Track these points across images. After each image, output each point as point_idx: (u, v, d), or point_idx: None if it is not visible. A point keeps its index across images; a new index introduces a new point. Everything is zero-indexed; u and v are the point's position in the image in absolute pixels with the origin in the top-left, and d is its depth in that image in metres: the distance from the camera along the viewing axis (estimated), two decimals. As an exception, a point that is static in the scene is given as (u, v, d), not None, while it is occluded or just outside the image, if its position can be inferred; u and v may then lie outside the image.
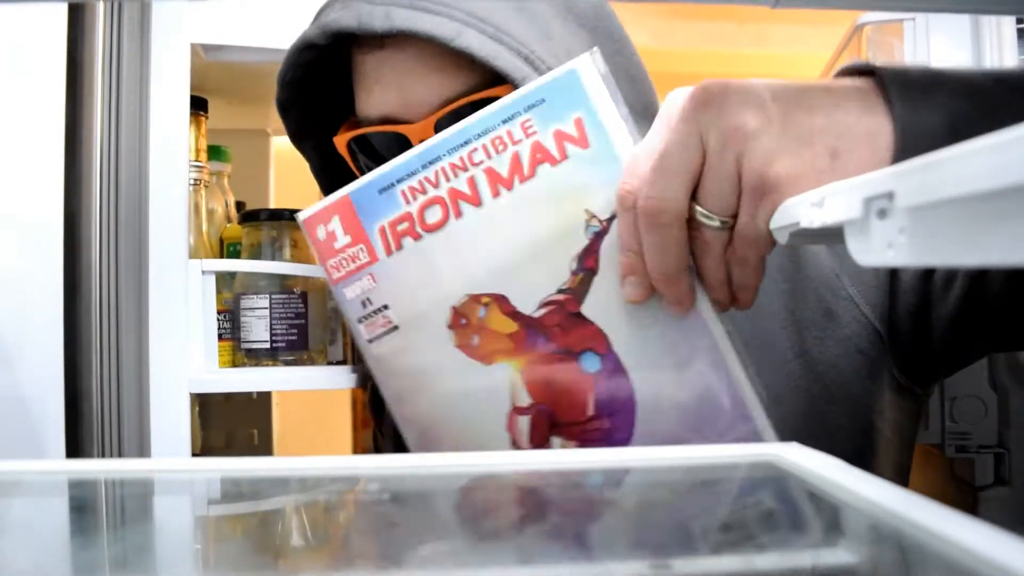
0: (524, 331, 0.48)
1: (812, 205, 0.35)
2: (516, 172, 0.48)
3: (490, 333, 0.48)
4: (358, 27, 0.57)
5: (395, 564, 0.33)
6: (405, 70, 0.60)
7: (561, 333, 0.48)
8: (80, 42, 0.65)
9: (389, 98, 0.61)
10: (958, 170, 0.23)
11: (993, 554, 0.27)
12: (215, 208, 0.81)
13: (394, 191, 0.49)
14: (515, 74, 0.56)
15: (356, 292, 0.50)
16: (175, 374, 0.67)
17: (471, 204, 0.48)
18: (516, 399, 0.49)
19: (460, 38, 0.56)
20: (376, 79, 0.61)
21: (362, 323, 0.50)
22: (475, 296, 0.48)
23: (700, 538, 0.37)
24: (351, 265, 0.50)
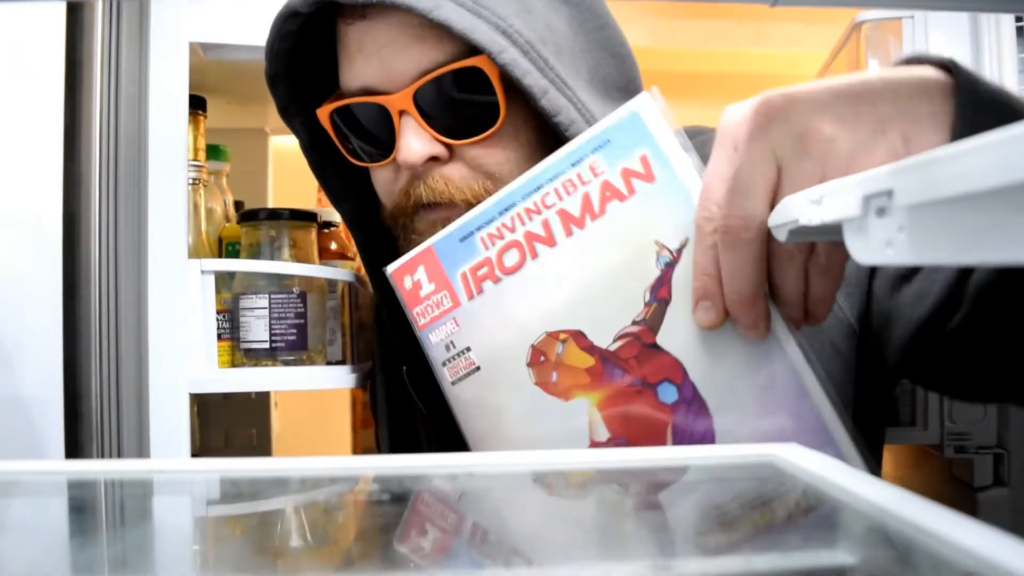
0: (600, 365, 0.49)
1: (811, 203, 0.35)
2: (587, 211, 0.49)
3: (567, 368, 0.50)
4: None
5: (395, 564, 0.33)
6: (385, 41, 0.60)
7: (637, 365, 0.49)
8: (79, 41, 0.65)
9: (369, 69, 0.61)
10: (957, 168, 0.23)
11: (992, 554, 0.27)
12: (214, 207, 0.81)
13: (474, 238, 0.51)
14: (492, 47, 0.57)
15: (440, 336, 0.52)
16: (174, 374, 0.67)
17: (546, 245, 0.50)
18: (594, 433, 0.50)
19: (438, 10, 0.56)
20: (358, 49, 0.61)
21: (446, 366, 0.52)
22: (553, 333, 0.50)
23: (700, 538, 0.37)
24: (435, 311, 0.52)
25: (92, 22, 0.65)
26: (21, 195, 0.63)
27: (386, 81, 0.61)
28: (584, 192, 0.49)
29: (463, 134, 0.61)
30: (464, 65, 0.59)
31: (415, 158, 0.60)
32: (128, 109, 0.66)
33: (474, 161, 0.62)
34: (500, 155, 0.62)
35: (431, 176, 0.61)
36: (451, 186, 0.61)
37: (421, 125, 0.60)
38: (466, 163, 0.62)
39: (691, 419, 0.49)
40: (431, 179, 0.61)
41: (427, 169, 0.61)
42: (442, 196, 0.61)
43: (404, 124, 0.60)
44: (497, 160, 0.62)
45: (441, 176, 0.61)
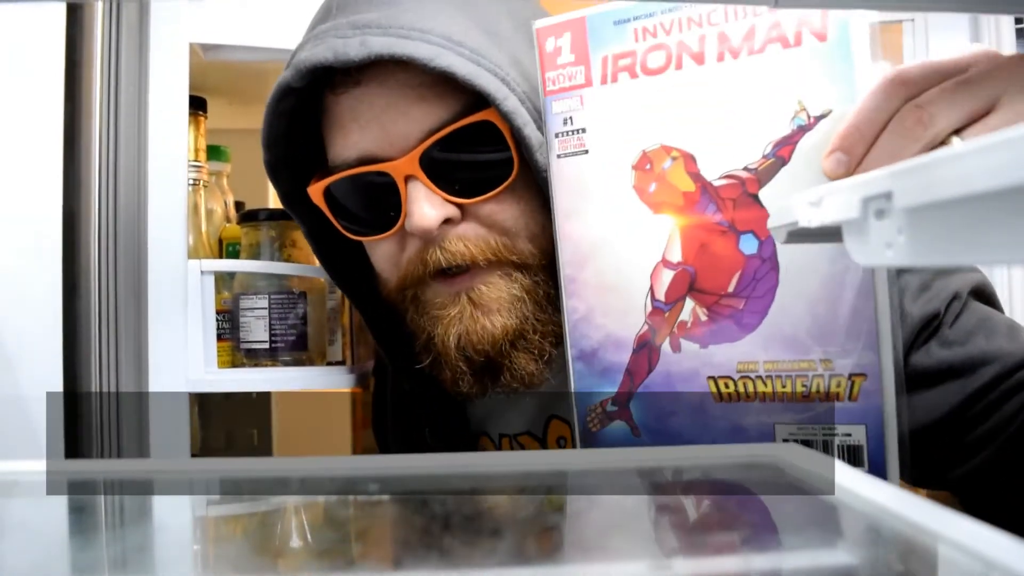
0: (699, 194, 0.50)
1: (810, 205, 0.35)
2: (747, 43, 0.49)
3: (668, 185, 0.50)
4: (334, 59, 0.55)
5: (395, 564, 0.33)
6: (383, 105, 0.58)
7: (732, 207, 0.49)
8: (79, 42, 0.65)
9: (368, 136, 0.59)
10: (956, 170, 0.23)
11: (993, 554, 0.27)
12: (214, 208, 0.81)
13: (628, 26, 0.51)
14: (496, 94, 0.55)
15: (562, 108, 0.53)
16: (174, 374, 0.67)
17: (694, 61, 0.49)
18: (668, 252, 0.51)
19: (439, 59, 0.55)
20: (352, 118, 0.59)
21: (558, 138, 0.54)
22: (667, 147, 0.50)
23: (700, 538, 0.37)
24: (566, 82, 0.53)
25: (92, 22, 0.65)
26: (21, 195, 0.63)
27: (387, 147, 0.58)
28: (752, 24, 0.48)
29: (475, 192, 0.59)
30: (474, 120, 0.57)
31: (430, 223, 0.57)
32: (128, 109, 0.66)
33: (489, 218, 0.60)
34: (514, 209, 0.60)
35: (447, 240, 0.59)
36: (470, 246, 0.59)
37: (431, 188, 0.58)
38: (480, 221, 0.60)
39: (759, 275, 0.49)
40: (448, 242, 0.59)
41: (442, 233, 0.59)
42: (463, 258, 0.59)
43: (412, 189, 0.58)
44: (512, 214, 0.60)
45: (458, 237, 0.59)
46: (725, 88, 0.49)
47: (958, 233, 0.24)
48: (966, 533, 0.29)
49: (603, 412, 0.54)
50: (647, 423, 0.52)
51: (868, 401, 0.47)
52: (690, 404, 0.51)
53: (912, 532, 0.31)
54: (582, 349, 0.54)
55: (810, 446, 0.48)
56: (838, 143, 0.45)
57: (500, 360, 0.60)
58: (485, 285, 0.59)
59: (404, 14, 0.57)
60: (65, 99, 0.64)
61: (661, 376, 0.52)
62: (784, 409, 0.49)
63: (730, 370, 0.50)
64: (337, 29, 0.57)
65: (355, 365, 0.79)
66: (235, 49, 0.72)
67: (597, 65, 0.52)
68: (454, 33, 0.57)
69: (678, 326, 0.51)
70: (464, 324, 0.59)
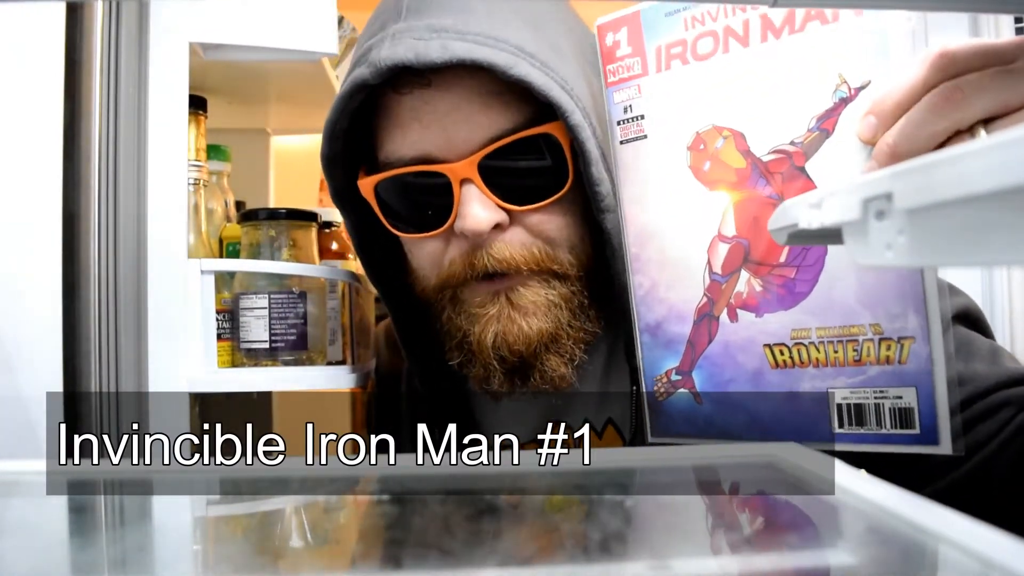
0: (750, 169, 0.52)
1: (810, 206, 0.35)
2: (788, 23, 0.51)
3: (721, 163, 0.53)
4: (416, 60, 0.56)
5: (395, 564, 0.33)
6: (448, 109, 0.59)
7: (780, 181, 0.51)
8: (78, 41, 0.65)
9: (429, 137, 0.60)
10: (955, 171, 0.23)
11: (993, 554, 0.27)
12: (214, 208, 0.81)
13: (679, 16, 0.54)
14: (566, 107, 0.57)
15: (622, 98, 0.57)
16: (174, 374, 0.67)
17: (740, 43, 0.52)
18: (723, 226, 0.54)
19: (516, 67, 0.56)
20: (415, 118, 0.61)
21: (619, 125, 0.57)
22: (719, 127, 0.53)
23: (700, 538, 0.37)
24: (625, 73, 0.56)
25: (92, 22, 0.65)
26: (21, 195, 0.63)
27: (446, 149, 0.60)
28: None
29: (527, 200, 0.61)
30: (536, 132, 0.59)
31: (483, 226, 0.59)
32: (128, 109, 0.66)
33: (535, 227, 0.62)
34: (560, 220, 0.62)
35: (494, 245, 0.61)
36: (515, 253, 0.61)
37: (485, 193, 0.60)
38: (526, 229, 0.62)
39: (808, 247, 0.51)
40: (495, 248, 0.61)
41: (490, 237, 0.61)
42: (508, 264, 0.61)
43: (466, 192, 0.60)
44: (557, 225, 0.62)
45: (504, 244, 0.61)
46: (769, 67, 0.51)
47: (958, 234, 0.24)
48: (966, 533, 0.29)
49: (669, 382, 0.57)
50: (709, 391, 0.55)
51: (918, 364, 0.48)
52: (748, 372, 0.53)
53: (912, 532, 0.31)
54: (647, 322, 0.57)
55: (862, 410, 0.49)
56: (871, 107, 0.47)
57: (532, 361, 0.62)
58: (524, 288, 0.62)
59: (479, 22, 0.58)
60: (65, 99, 0.64)
61: (720, 345, 0.54)
62: (837, 374, 0.50)
63: (784, 337, 0.52)
64: (414, 31, 0.58)
65: (355, 365, 0.79)
66: (235, 49, 0.72)
67: (652, 55, 0.55)
68: (525, 44, 0.58)
69: (734, 297, 0.54)
70: (501, 324, 0.62)
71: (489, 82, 0.59)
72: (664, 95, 0.55)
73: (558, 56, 0.60)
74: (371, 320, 0.90)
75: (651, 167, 0.56)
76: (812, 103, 0.50)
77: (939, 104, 0.43)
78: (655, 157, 0.56)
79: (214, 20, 0.70)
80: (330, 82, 0.89)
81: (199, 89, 0.79)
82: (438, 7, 0.60)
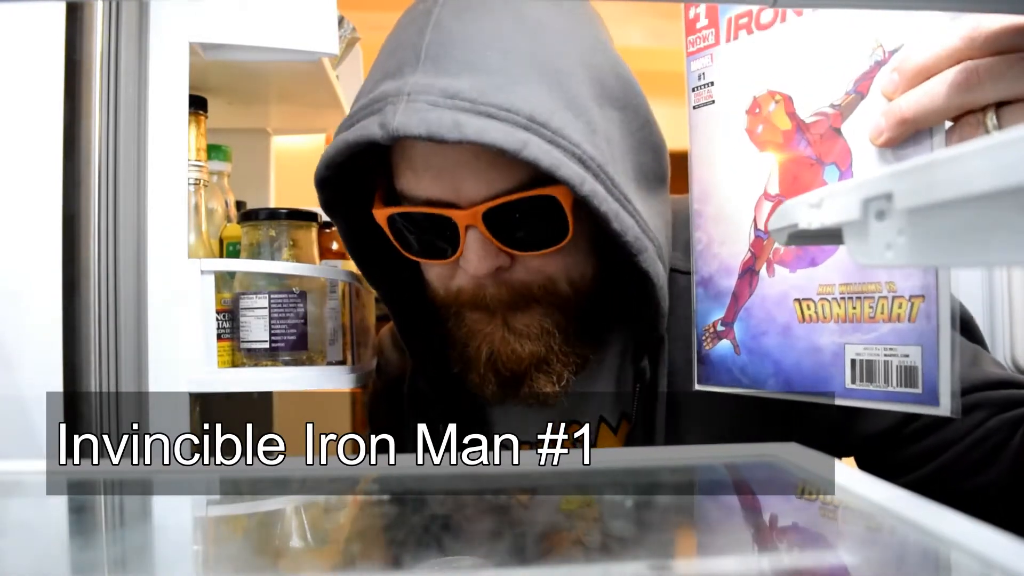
0: (795, 131, 0.55)
1: (810, 207, 0.35)
2: None
3: (771, 126, 0.56)
4: (427, 135, 0.58)
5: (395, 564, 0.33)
6: (459, 162, 0.62)
7: (819, 142, 0.53)
8: (78, 41, 0.65)
9: (438, 185, 0.63)
10: (956, 171, 0.23)
11: (993, 554, 0.27)
12: (215, 208, 0.81)
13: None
14: (574, 180, 0.59)
15: (697, 66, 0.61)
16: (174, 374, 0.67)
17: (795, 13, 0.55)
18: (769, 185, 0.56)
19: (526, 150, 0.58)
20: (426, 166, 0.63)
21: (694, 91, 0.61)
22: (772, 91, 0.56)
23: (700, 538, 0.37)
24: (701, 44, 0.61)
25: (92, 22, 0.65)
26: (21, 195, 0.63)
27: (454, 197, 0.63)
28: None
29: (528, 247, 0.64)
30: (543, 193, 0.62)
31: (483, 271, 0.63)
32: (128, 109, 0.66)
33: (537, 269, 0.65)
34: (561, 263, 0.66)
35: (495, 284, 0.65)
36: (514, 290, 0.65)
37: (488, 239, 0.63)
38: (527, 269, 0.65)
39: None
40: (495, 287, 0.65)
41: (493, 276, 0.64)
42: (507, 300, 0.65)
43: (471, 237, 0.63)
44: (558, 267, 0.66)
45: (505, 283, 0.65)
46: (817, 34, 0.54)
47: (958, 234, 0.24)
48: (966, 533, 0.29)
49: (714, 332, 0.60)
50: (745, 342, 0.58)
51: (926, 323, 0.48)
52: (779, 325, 0.56)
53: (912, 532, 0.31)
54: (702, 276, 0.61)
55: (872, 367, 0.50)
56: (896, 64, 0.48)
57: (522, 378, 0.66)
58: (521, 312, 0.66)
59: (493, 90, 0.59)
60: (65, 99, 0.64)
61: (758, 299, 0.57)
62: (854, 330, 0.51)
63: (812, 292, 0.54)
64: (429, 93, 0.59)
65: (355, 365, 0.79)
66: (235, 49, 0.72)
67: (724, 26, 0.59)
68: (538, 113, 0.59)
69: (773, 253, 0.56)
70: (495, 345, 0.66)
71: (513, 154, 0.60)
72: (730, 63, 0.59)
73: (573, 112, 0.61)
74: (371, 320, 0.90)
75: (716, 130, 0.60)
76: (851, 66, 0.51)
77: (955, 83, 0.44)
78: (719, 120, 0.60)
79: (214, 20, 0.70)
80: (330, 82, 0.89)
81: (199, 89, 0.79)
82: (456, 61, 0.60)
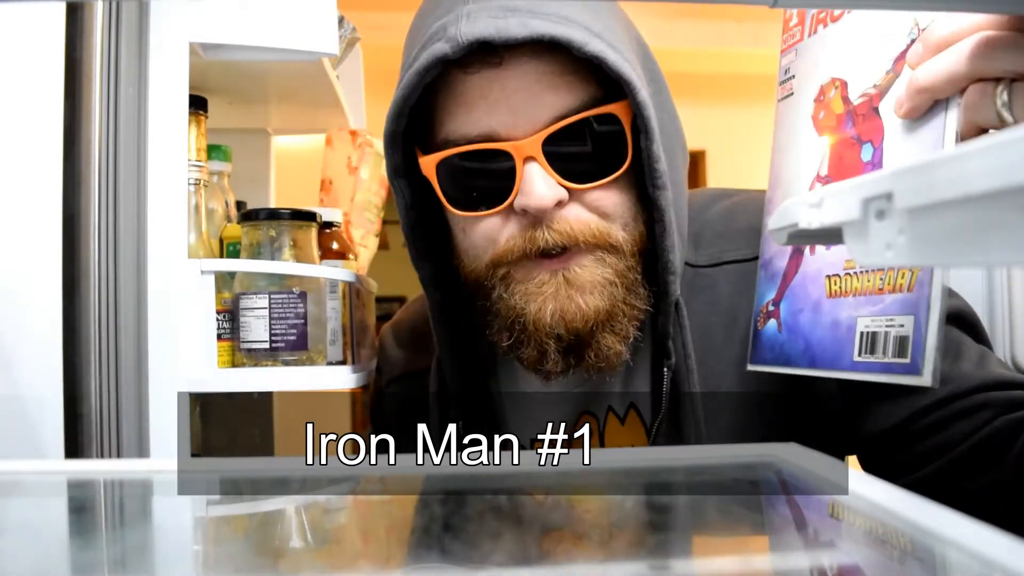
0: (845, 114, 0.56)
1: (810, 206, 0.35)
2: None
3: (830, 111, 0.57)
4: (497, 36, 0.58)
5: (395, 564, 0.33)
6: (516, 88, 0.61)
7: (862, 121, 0.54)
8: (78, 41, 0.65)
9: (495, 116, 0.62)
10: (956, 171, 0.23)
11: (993, 554, 0.27)
12: (215, 208, 0.81)
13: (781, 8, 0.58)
14: (635, 83, 0.59)
15: (785, 61, 0.63)
16: (174, 374, 0.67)
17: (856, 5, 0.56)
18: (821, 168, 0.58)
19: (591, 44, 0.58)
20: (481, 96, 0.62)
21: (781, 84, 0.64)
22: (834, 79, 0.57)
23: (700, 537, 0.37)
24: (790, 41, 0.63)
25: (92, 22, 0.65)
26: (21, 195, 0.63)
27: (512, 127, 0.62)
28: None
29: (587, 178, 0.63)
30: (602, 111, 0.61)
31: (547, 203, 0.61)
32: (128, 109, 0.66)
33: (593, 204, 0.63)
34: (617, 197, 0.64)
35: (555, 220, 0.62)
36: (573, 228, 0.62)
37: (547, 170, 0.61)
38: (584, 205, 0.63)
39: None
40: (555, 223, 0.62)
41: (550, 214, 0.62)
42: (567, 240, 0.62)
43: (529, 170, 0.61)
44: (614, 202, 0.64)
45: (563, 219, 0.62)
46: (869, 19, 0.55)
47: (958, 234, 0.24)
48: (966, 533, 0.29)
49: (767, 312, 0.61)
50: (786, 320, 0.59)
51: (920, 291, 0.48)
52: (812, 301, 0.56)
53: (912, 532, 0.31)
54: (764, 259, 0.63)
55: (875, 339, 0.50)
56: (922, 36, 0.48)
57: (588, 339, 0.64)
58: (580, 267, 0.63)
59: (547, 3, 0.60)
60: (65, 99, 0.64)
61: (801, 277, 0.58)
62: (865, 303, 0.52)
63: (839, 268, 0.54)
64: (488, 10, 0.60)
65: (355, 365, 0.79)
66: (235, 49, 0.72)
67: (808, 23, 0.61)
68: (592, 25, 0.60)
69: None
70: (560, 302, 0.63)
71: (557, 62, 0.61)
72: (808, 55, 0.60)
73: (619, 38, 0.63)
74: (371, 320, 0.90)
75: (792, 119, 0.61)
76: (892, 46, 0.52)
77: (969, 51, 0.44)
78: (796, 110, 0.61)
79: (214, 20, 0.70)
80: (330, 82, 0.89)
81: (199, 89, 0.79)
82: None
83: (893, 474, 0.62)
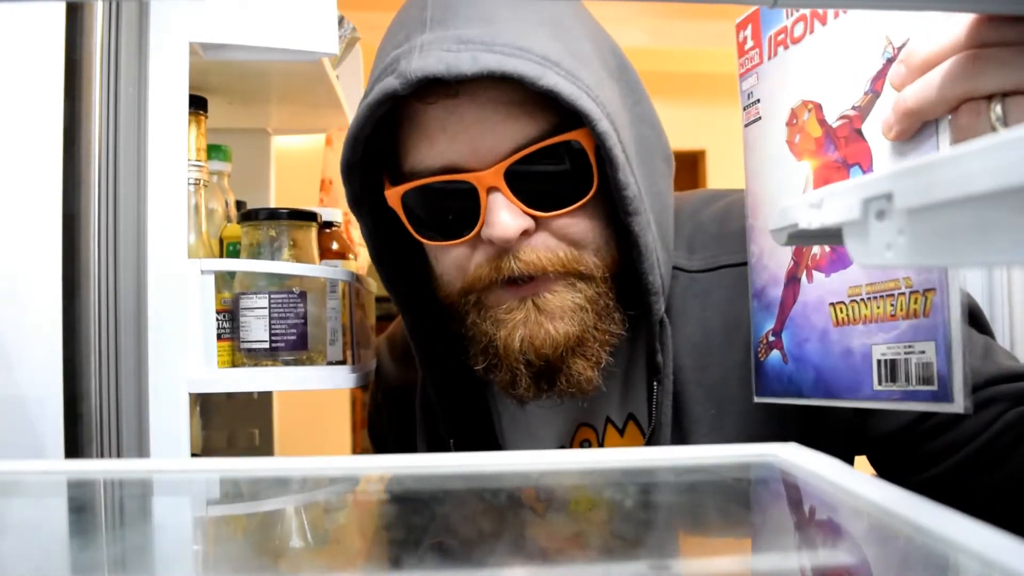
0: (824, 137, 0.55)
1: (811, 206, 0.35)
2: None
3: (806, 135, 0.57)
4: (447, 72, 0.57)
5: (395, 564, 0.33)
6: (474, 119, 0.60)
7: (844, 144, 0.54)
8: (78, 41, 0.65)
9: (455, 147, 0.61)
10: (956, 171, 0.23)
11: (993, 554, 0.27)
12: (215, 207, 0.81)
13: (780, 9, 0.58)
14: (593, 114, 0.58)
15: (747, 85, 0.63)
16: (174, 374, 0.67)
17: (820, 22, 0.56)
18: (805, 192, 0.56)
19: (545, 78, 0.57)
20: (441, 129, 0.62)
21: (745, 110, 0.63)
22: (805, 101, 0.57)
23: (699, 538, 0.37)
24: (749, 64, 0.62)
25: (92, 22, 0.65)
26: (21, 195, 0.63)
27: (473, 159, 0.61)
28: None
29: (552, 206, 0.62)
30: (562, 139, 0.60)
31: (510, 233, 0.60)
32: (128, 109, 0.66)
33: (560, 231, 0.63)
34: (585, 224, 0.63)
35: (521, 250, 0.62)
36: (541, 257, 0.62)
37: (511, 200, 0.61)
38: (552, 233, 0.63)
39: None
40: (522, 252, 0.62)
41: (516, 243, 0.62)
42: (535, 269, 0.62)
43: (493, 200, 0.61)
44: (583, 229, 0.63)
45: (531, 248, 0.62)
46: (838, 40, 0.54)
47: (958, 234, 0.24)
48: (966, 533, 0.29)
49: (767, 343, 0.61)
50: (791, 351, 0.58)
51: (937, 316, 0.47)
52: (818, 330, 0.56)
53: (912, 532, 0.31)
54: (756, 288, 0.62)
55: (895, 366, 0.50)
56: (903, 56, 0.47)
57: (558, 365, 0.63)
58: (550, 293, 0.63)
59: (503, 33, 0.59)
60: (65, 99, 0.64)
61: (801, 306, 0.57)
62: (878, 330, 0.51)
63: (843, 295, 0.54)
64: (442, 42, 0.59)
65: (355, 365, 0.79)
66: (235, 49, 0.72)
67: (766, 45, 0.60)
68: (550, 53, 0.59)
69: (811, 259, 0.56)
70: (528, 328, 0.63)
71: (515, 92, 0.60)
72: (771, 78, 0.60)
73: (583, 64, 0.61)
74: (371, 320, 0.90)
75: (763, 144, 0.61)
76: (867, 66, 0.52)
77: (956, 71, 0.43)
78: (765, 135, 0.60)
79: (214, 20, 0.70)
80: (330, 82, 0.89)
81: (199, 89, 0.79)
82: (463, 18, 0.60)
83: (906, 473, 0.62)
